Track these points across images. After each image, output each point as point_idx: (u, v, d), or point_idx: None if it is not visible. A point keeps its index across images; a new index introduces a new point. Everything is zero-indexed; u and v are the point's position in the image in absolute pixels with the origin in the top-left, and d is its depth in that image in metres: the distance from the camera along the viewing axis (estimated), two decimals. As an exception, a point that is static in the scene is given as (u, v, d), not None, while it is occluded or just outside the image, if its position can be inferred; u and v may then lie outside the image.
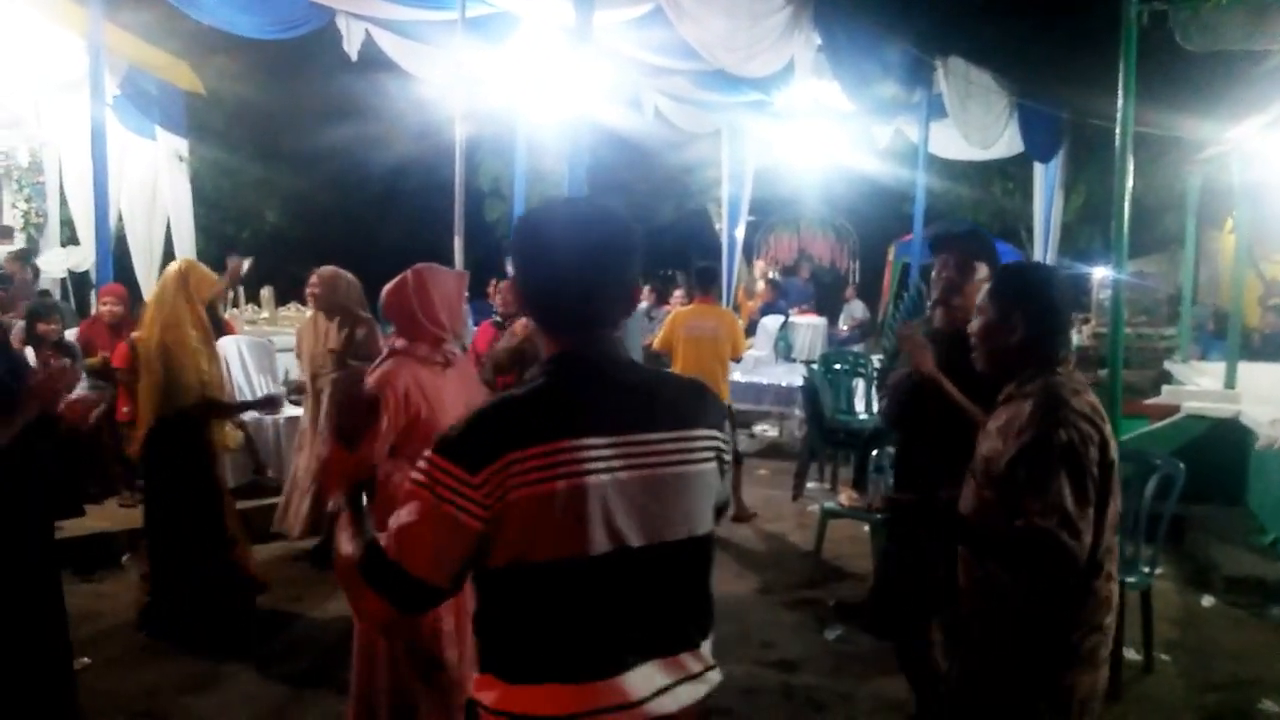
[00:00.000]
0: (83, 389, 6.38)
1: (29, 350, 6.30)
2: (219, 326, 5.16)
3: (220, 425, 5.00)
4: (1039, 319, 2.31)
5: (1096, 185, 15.00)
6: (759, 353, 11.57)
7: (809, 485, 7.86)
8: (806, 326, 13.90)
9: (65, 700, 3.46)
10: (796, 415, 9.19)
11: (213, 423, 4.81)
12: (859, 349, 12.49)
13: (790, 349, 12.92)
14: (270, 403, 5.44)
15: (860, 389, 7.81)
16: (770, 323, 12.73)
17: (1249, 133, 7.90)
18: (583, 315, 1.63)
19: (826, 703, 4.24)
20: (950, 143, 11.15)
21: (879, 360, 8.88)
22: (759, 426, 10.43)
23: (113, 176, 8.17)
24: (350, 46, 8.45)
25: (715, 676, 1.68)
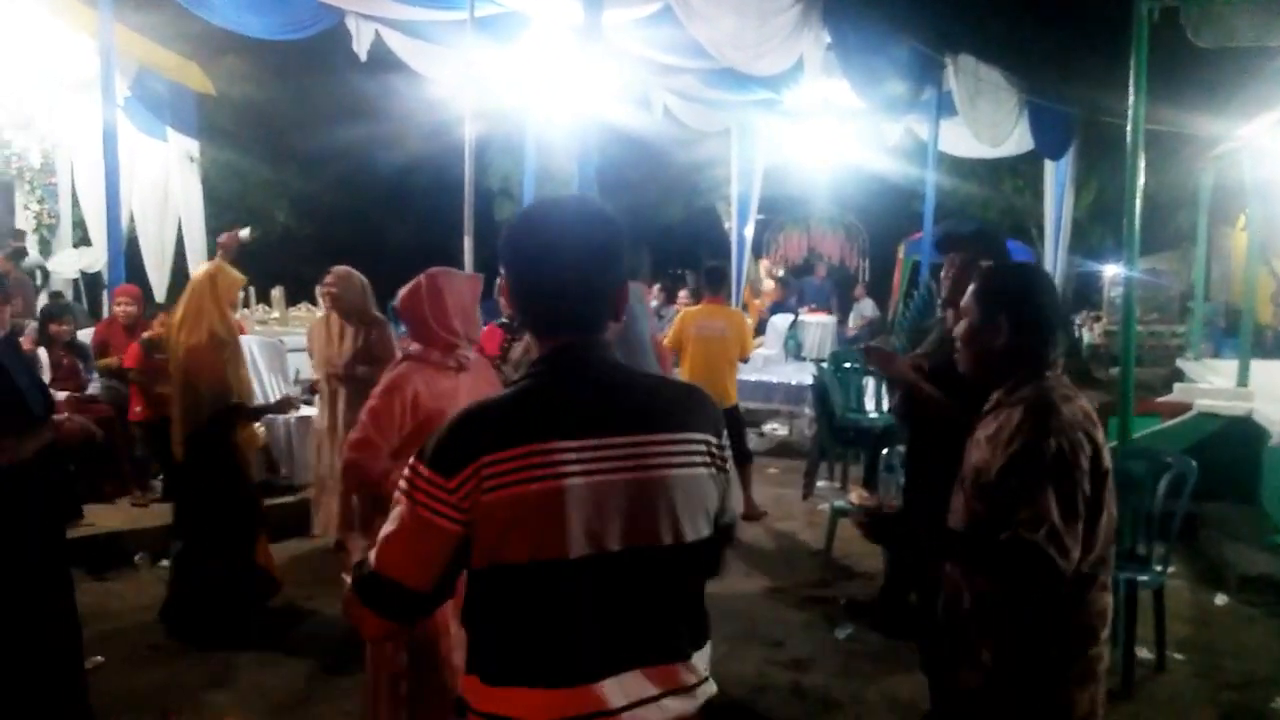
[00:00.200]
0: (95, 389, 6.42)
1: (42, 351, 6.34)
2: None
3: (247, 425, 5.04)
4: (1025, 322, 2.23)
5: (1108, 182, 14.96)
6: (769, 351, 11.57)
7: (819, 484, 7.85)
8: (816, 325, 13.89)
9: (76, 699, 3.47)
10: (806, 414, 9.18)
11: (244, 426, 4.88)
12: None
13: (800, 347, 12.93)
14: (285, 404, 5.47)
15: (870, 387, 7.80)
16: (780, 321, 12.73)
17: (1261, 129, 7.86)
18: (564, 317, 1.61)
19: (837, 701, 4.23)
20: (960, 140, 11.12)
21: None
22: (769, 425, 10.42)
23: (124, 177, 8.20)
24: (360, 47, 8.48)
25: (709, 690, 1.64)
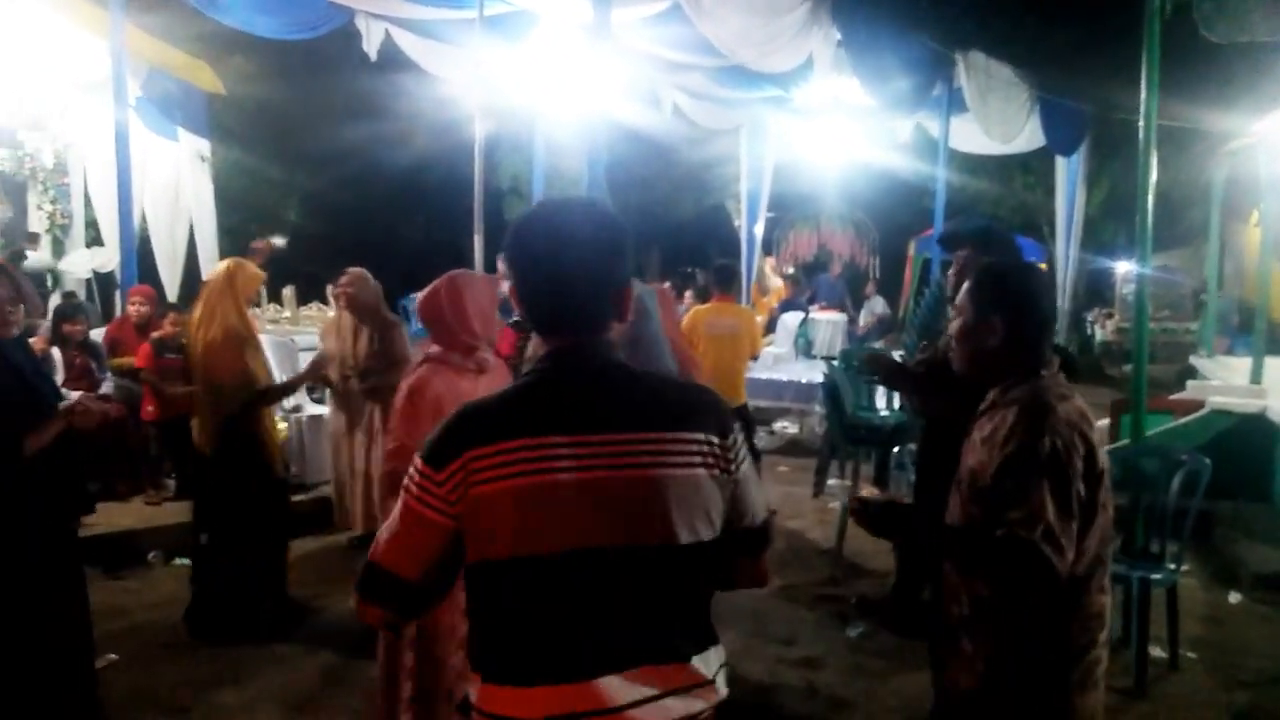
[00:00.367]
0: (108, 388, 6.45)
1: (55, 351, 6.37)
2: None
3: (274, 421, 5.07)
4: (1019, 321, 2.21)
5: (1120, 179, 14.87)
6: (779, 349, 11.55)
7: (830, 482, 7.84)
8: (827, 323, 13.86)
9: (86, 695, 3.49)
10: (817, 412, 9.16)
11: (270, 419, 4.90)
12: (880, 345, 12.43)
13: (810, 345, 12.89)
14: (316, 367, 5.42)
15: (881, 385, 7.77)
16: (790, 319, 12.70)
17: (1275, 124, 7.82)
18: (567, 316, 1.62)
19: (849, 700, 4.23)
20: (971, 137, 11.10)
21: (900, 357, 8.84)
22: (779, 423, 10.41)
23: (136, 177, 8.25)
24: (369, 46, 8.50)
25: (718, 693, 1.62)
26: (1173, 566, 4.49)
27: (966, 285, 2.35)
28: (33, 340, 5.91)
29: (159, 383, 6.42)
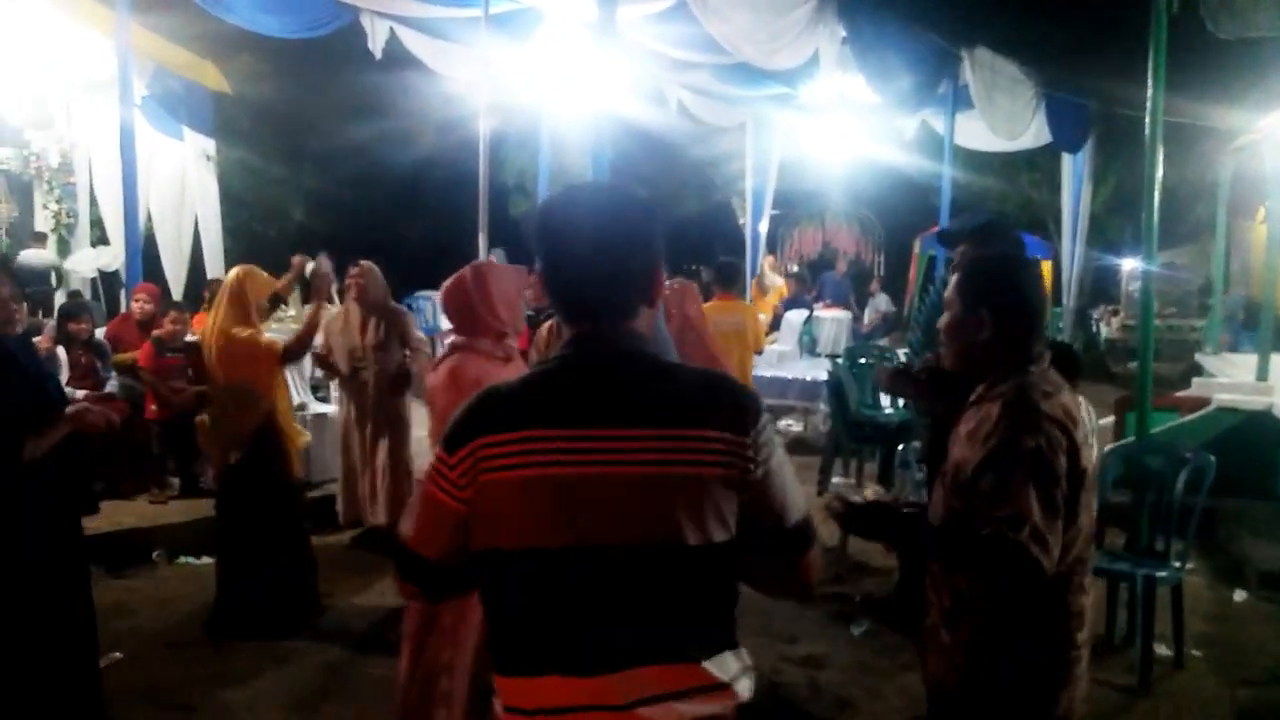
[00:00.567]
0: (113, 387, 6.47)
1: (60, 349, 6.39)
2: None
3: (294, 425, 5.14)
4: (1008, 315, 2.18)
5: (1126, 176, 14.85)
6: (783, 347, 11.54)
7: (834, 480, 7.82)
8: (831, 320, 13.85)
9: (90, 694, 3.50)
10: (821, 410, 9.15)
11: (290, 423, 4.98)
12: (884, 342, 12.42)
13: (814, 343, 12.89)
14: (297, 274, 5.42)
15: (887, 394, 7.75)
16: (795, 317, 12.69)
17: (1281, 121, 7.79)
18: (588, 303, 1.58)
19: (853, 699, 4.22)
20: (976, 134, 11.07)
21: (905, 354, 8.82)
22: (783, 421, 10.39)
23: (141, 176, 8.26)
24: (375, 45, 8.51)
25: (733, 697, 1.58)
26: (1178, 564, 4.48)
27: (954, 279, 2.32)
28: (38, 339, 5.93)
29: (157, 382, 6.45)
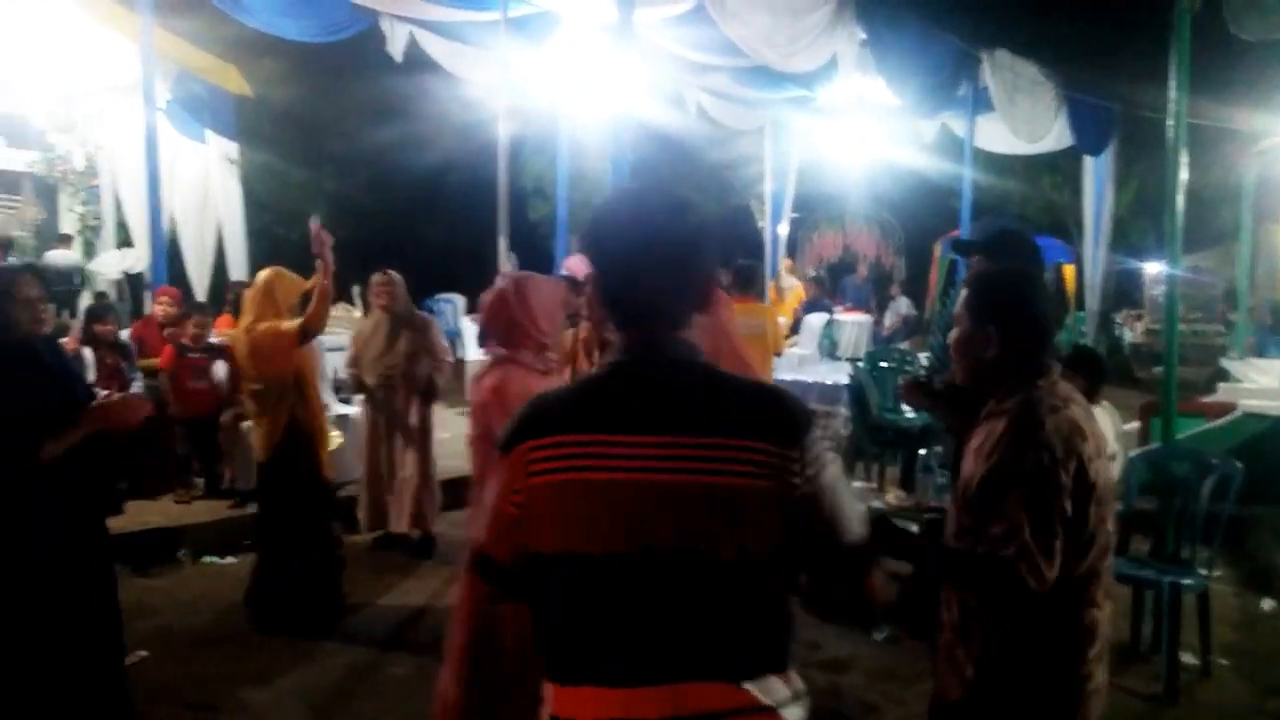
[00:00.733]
0: (138, 388, 6.52)
1: (86, 350, 6.44)
2: None
3: (327, 427, 5.20)
4: (1015, 331, 2.17)
5: (1149, 178, 14.73)
6: (803, 351, 11.50)
7: (855, 485, 7.78)
8: (852, 324, 13.80)
9: (117, 692, 3.52)
10: (842, 413, 9.11)
11: (323, 425, 5.05)
12: (905, 346, 12.37)
13: (835, 346, 12.84)
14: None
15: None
16: (815, 320, 12.65)
17: (1308, 123, 7.71)
18: (639, 309, 1.56)
19: (876, 704, 4.20)
20: (997, 136, 11.00)
21: (926, 358, 8.77)
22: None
23: (165, 180, 8.33)
24: (394, 49, 8.55)
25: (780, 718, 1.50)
26: (1204, 572, 4.44)
27: (963, 295, 2.31)
28: (64, 340, 5.99)
29: (177, 385, 6.53)
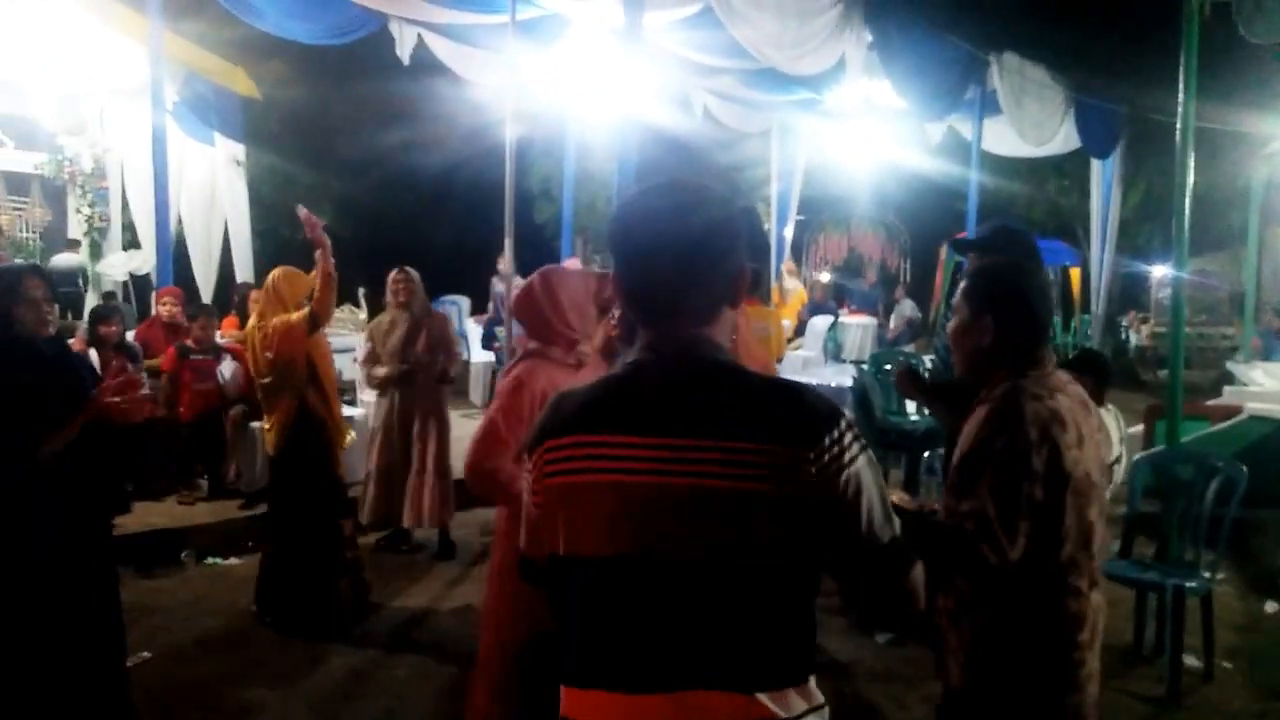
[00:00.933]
0: (144, 389, 6.54)
1: (92, 352, 6.47)
2: None
3: (343, 425, 5.24)
4: (1009, 320, 2.23)
5: (1156, 181, 14.70)
6: (808, 353, 11.49)
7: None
8: (856, 326, 13.77)
9: (118, 693, 3.53)
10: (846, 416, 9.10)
11: (338, 421, 5.09)
12: (910, 348, 12.35)
13: (839, 349, 12.82)
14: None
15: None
16: (819, 322, 12.64)
17: (1316, 127, 7.69)
18: (658, 305, 1.51)
19: (879, 707, 4.20)
20: (1004, 139, 11.00)
21: (931, 361, 8.76)
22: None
23: (172, 181, 8.36)
24: (402, 51, 8.57)
25: None
26: (1208, 575, 4.43)
27: (962, 285, 2.39)
28: (71, 341, 6.01)
29: (171, 391, 6.58)
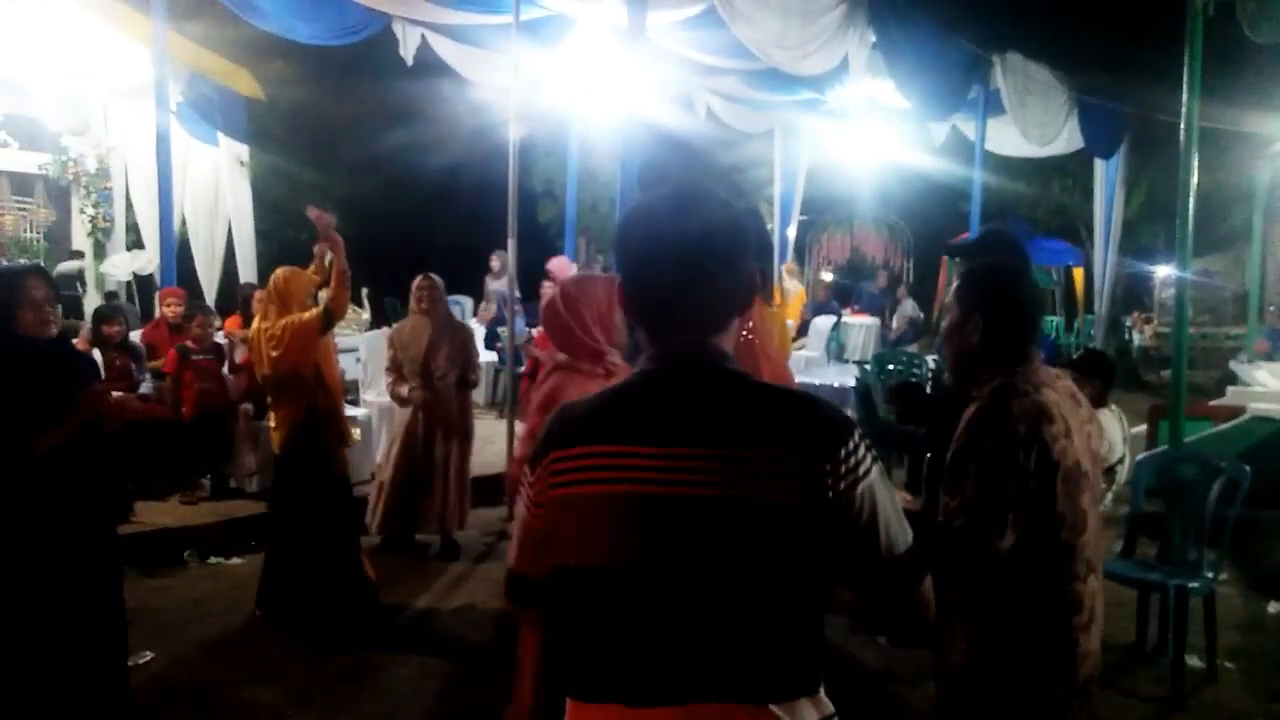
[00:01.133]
0: (147, 389, 6.56)
1: (96, 352, 6.48)
2: None
3: (347, 423, 5.24)
4: (998, 319, 2.28)
5: (1159, 181, 14.67)
6: (811, 353, 11.50)
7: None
8: (859, 327, 13.77)
9: (120, 693, 3.54)
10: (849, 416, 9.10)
11: (343, 421, 5.10)
12: (913, 349, 12.34)
13: (842, 349, 12.82)
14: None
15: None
16: (822, 323, 12.64)
17: (1319, 126, 7.68)
18: (664, 315, 1.49)
19: (879, 707, 4.20)
20: (1008, 139, 10.99)
21: (934, 361, 8.77)
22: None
23: (176, 182, 8.38)
24: (406, 51, 8.58)
25: None
26: (1211, 575, 4.43)
27: (954, 285, 2.44)
28: (74, 342, 6.02)
29: (171, 393, 6.60)
